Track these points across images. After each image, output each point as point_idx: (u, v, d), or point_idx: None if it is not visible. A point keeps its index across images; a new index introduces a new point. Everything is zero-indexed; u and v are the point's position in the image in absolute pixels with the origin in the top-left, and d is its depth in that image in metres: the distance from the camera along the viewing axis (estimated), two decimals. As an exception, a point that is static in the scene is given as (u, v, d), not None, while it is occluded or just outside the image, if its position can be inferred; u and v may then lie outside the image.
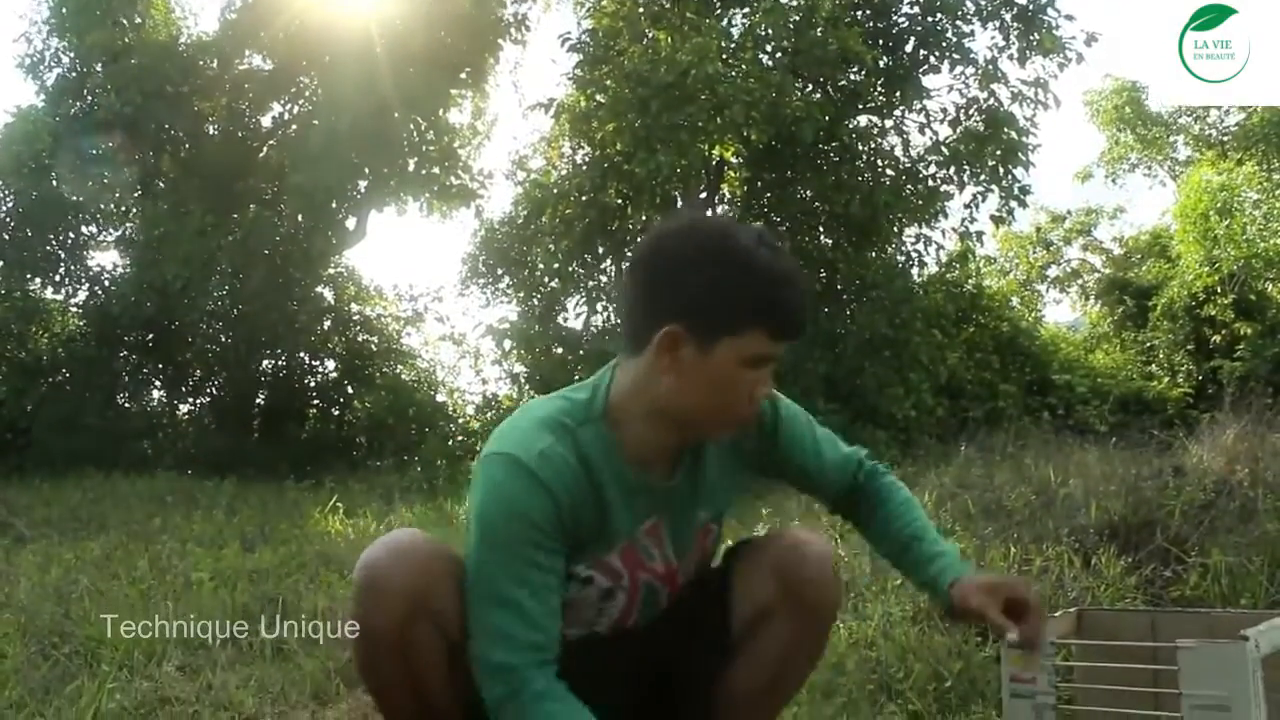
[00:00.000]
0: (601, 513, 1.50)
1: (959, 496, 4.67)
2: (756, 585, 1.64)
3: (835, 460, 1.72)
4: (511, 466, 1.44)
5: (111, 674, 2.64)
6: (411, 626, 1.44)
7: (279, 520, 6.11)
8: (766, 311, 1.43)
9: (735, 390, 1.46)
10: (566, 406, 1.53)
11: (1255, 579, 3.19)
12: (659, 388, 1.47)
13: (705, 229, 1.48)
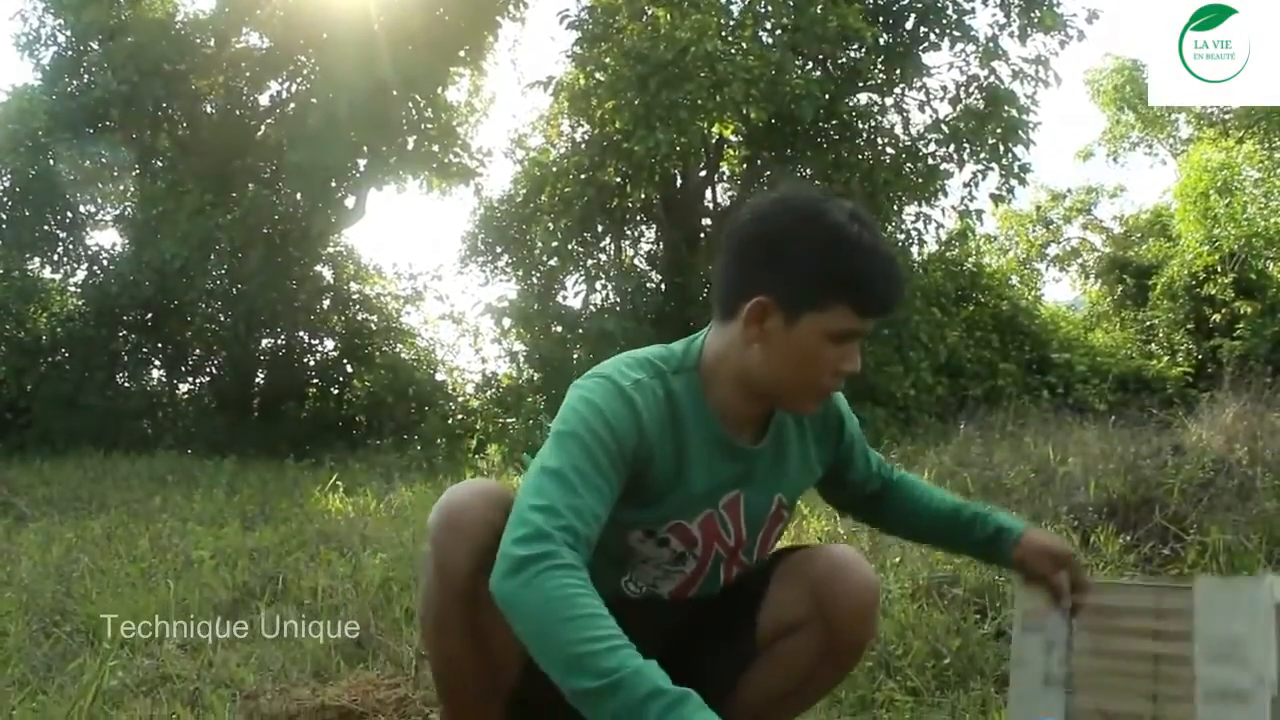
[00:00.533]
0: (680, 464, 1.50)
1: (958, 474, 4.68)
2: (791, 598, 1.63)
3: (873, 465, 1.79)
4: (606, 385, 1.45)
5: (113, 652, 2.65)
6: (482, 571, 1.37)
7: (279, 499, 6.12)
8: (853, 287, 1.42)
9: (818, 364, 1.46)
10: (662, 353, 1.55)
11: (1253, 557, 3.20)
12: (746, 356, 1.47)
13: (798, 201, 1.48)
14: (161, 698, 2.23)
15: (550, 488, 1.32)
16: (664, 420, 1.48)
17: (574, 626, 1.19)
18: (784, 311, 1.43)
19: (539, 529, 1.26)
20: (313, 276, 12.30)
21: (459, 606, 1.43)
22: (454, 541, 1.42)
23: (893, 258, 1.48)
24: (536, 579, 1.22)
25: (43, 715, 2.13)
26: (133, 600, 3.22)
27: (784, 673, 1.61)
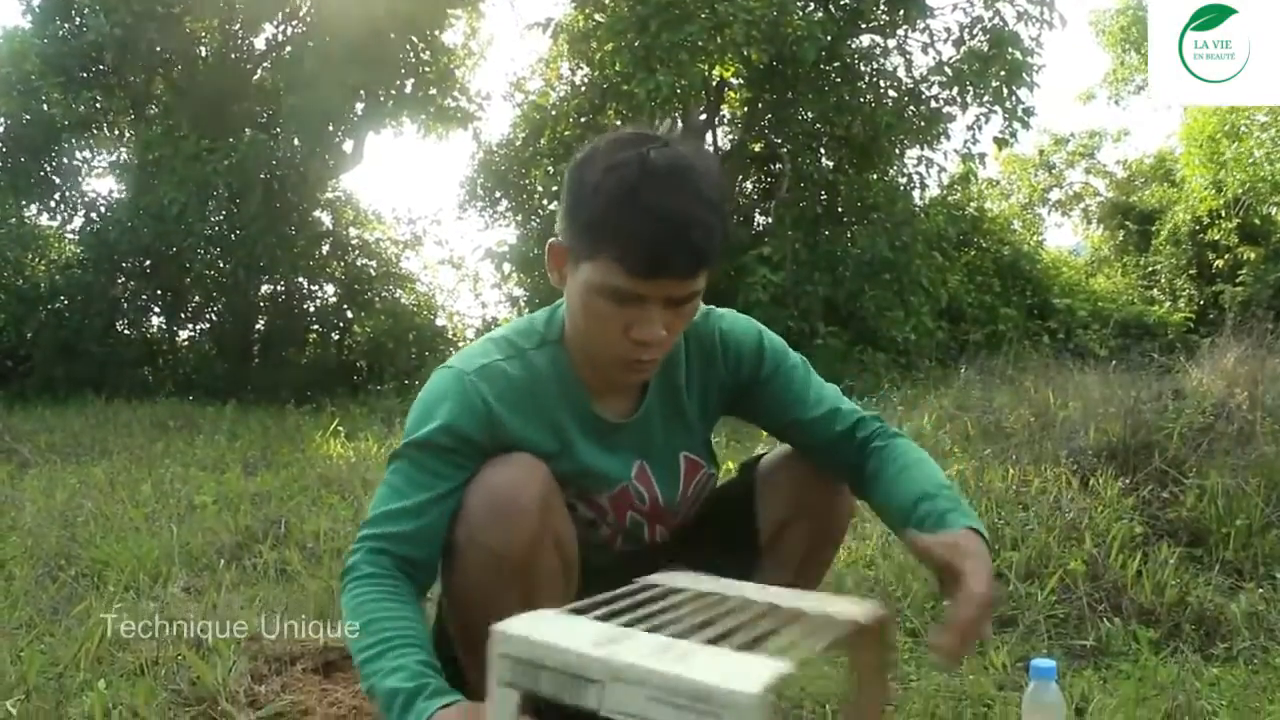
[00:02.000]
0: (561, 440, 1.48)
1: (958, 419, 4.69)
2: (779, 501, 1.64)
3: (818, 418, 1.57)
4: (448, 377, 1.43)
5: (118, 595, 2.67)
6: (539, 546, 1.38)
7: (280, 444, 6.14)
8: (617, 240, 1.29)
9: (604, 323, 1.36)
10: (524, 327, 1.51)
11: (1251, 500, 3.21)
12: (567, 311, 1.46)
13: (609, 145, 1.36)
14: (166, 639, 2.25)
15: (381, 496, 1.41)
16: (521, 402, 1.44)
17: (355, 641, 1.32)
18: (570, 256, 1.37)
19: (361, 536, 1.40)
20: (311, 222, 12.22)
21: (515, 583, 1.37)
22: (505, 523, 1.36)
23: (678, 222, 1.28)
24: (344, 592, 1.37)
25: (51, 656, 2.14)
26: (136, 545, 3.24)
27: (786, 564, 1.61)
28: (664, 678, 0.90)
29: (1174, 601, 2.55)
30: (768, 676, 0.88)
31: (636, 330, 1.35)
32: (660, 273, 1.31)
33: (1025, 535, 2.94)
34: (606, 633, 1.03)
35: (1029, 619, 2.48)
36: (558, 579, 1.43)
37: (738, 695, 0.85)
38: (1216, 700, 2.03)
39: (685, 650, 0.97)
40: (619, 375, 1.46)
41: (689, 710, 0.88)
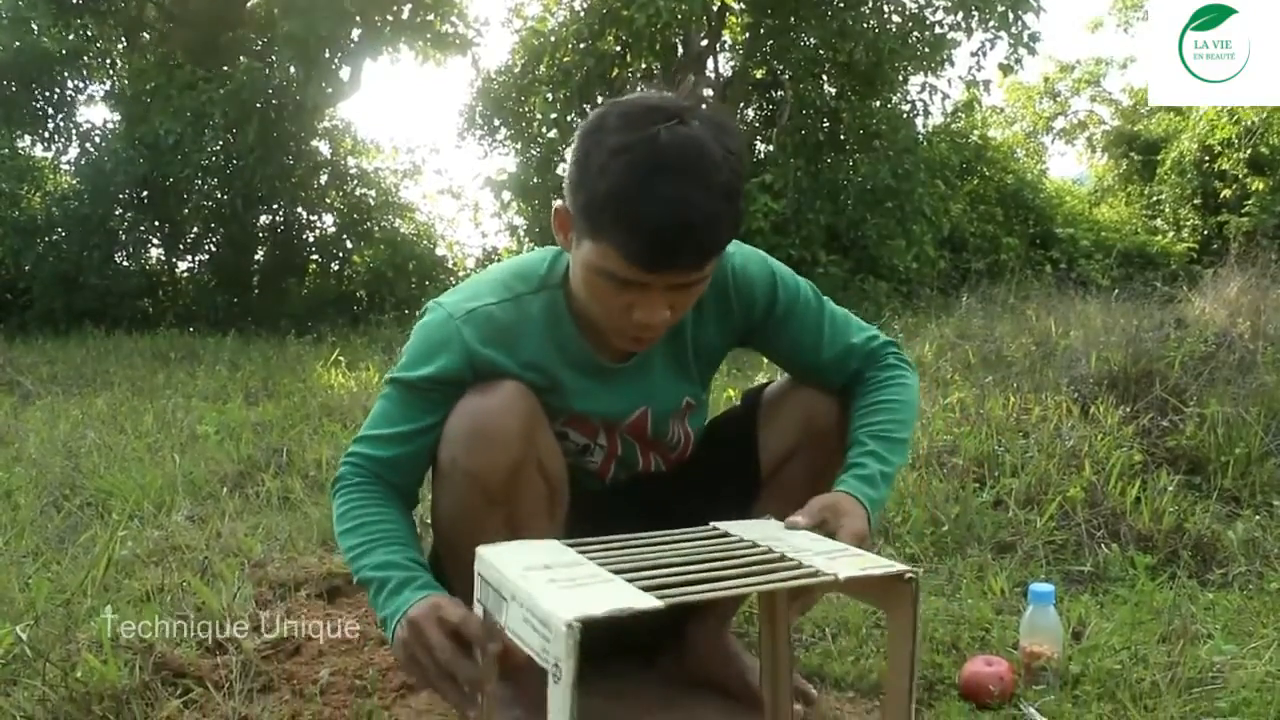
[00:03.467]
0: (552, 383, 1.47)
1: (959, 347, 4.69)
2: (781, 431, 1.63)
3: (831, 361, 1.58)
4: (439, 319, 1.44)
5: (122, 523, 2.69)
6: (521, 472, 1.39)
7: (281, 374, 6.15)
8: (620, 229, 1.24)
9: (604, 300, 1.33)
10: (526, 270, 1.49)
11: (1251, 429, 3.22)
12: None
13: (631, 117, 1.26)
14: (171, 566, 2.27)
15: (372, 417, 1.46)
16: (507, 345, 1.43)
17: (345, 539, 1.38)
18: (577, 228, 1.32)
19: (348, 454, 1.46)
20: (309, 151, 12.08)
21: (498, 507, 1.39)
22: (486, 447, 1.37)
23: (683, 217, 1.22)
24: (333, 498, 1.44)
25: (58, 584, 2.16)
26: (140, 474, 3.26)
27: (787, 497, 1.56)
28: (531, 601, 0.97)
29: (1171, 528, 2.57)
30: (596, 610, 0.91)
31: (639, 313, 1.32)
32: (662, 267, 1.27)
33: (1025, 462, 2.95)
34: (551, 559, 1.09)
35: (1027, 545, 2.50)
36: (542, 504, 1.44)
37: (554, 621, 0.91)
38: (1211, 624, 2.05)
39: (583, 580, 1.02)
40: (620, 344, 1.44)
41: (538, 633, 0.95)
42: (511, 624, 1.02)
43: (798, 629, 2.04)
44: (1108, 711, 1.62)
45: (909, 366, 1.60)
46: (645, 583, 1.01)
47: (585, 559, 1.11)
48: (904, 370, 1.58)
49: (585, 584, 1.01)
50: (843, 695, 1.80)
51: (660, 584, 1.01)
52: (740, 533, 1.24)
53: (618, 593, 0.98)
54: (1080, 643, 1.92)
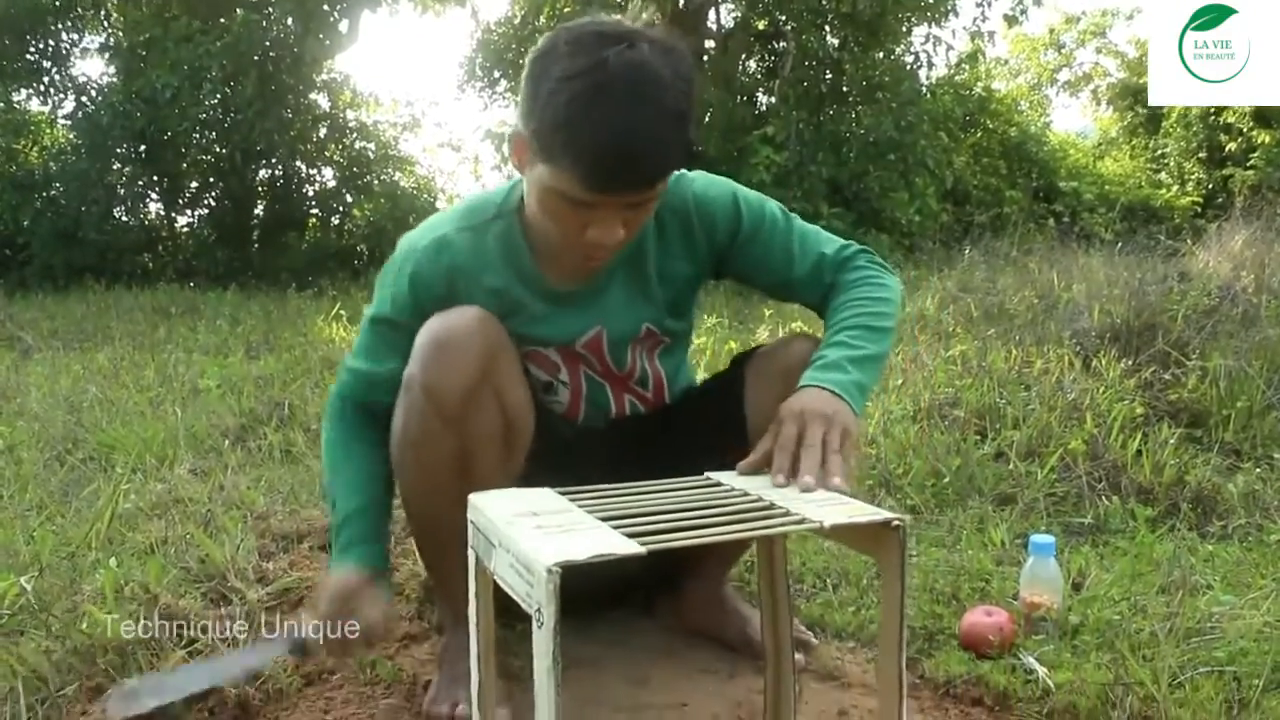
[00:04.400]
0: (507, 307, 1.48)
1: (961, 300, 4.67)
2: (767, 391, 1.56)
3: (805, 275, 1.56)
4: (404, 254, 1.50)
5: (125, 477, 2.70)
6: (477, 393, 1.38)
7: (282, 328, 6.14)
8: (575, 151, 1.25)
9: (560, 222, 1.35)
10: (481, 202, 1.53)
11: (1253, 383, 3.22)
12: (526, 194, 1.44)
13: (583, 41, 1.28)
14: (174, 519, 2.28)
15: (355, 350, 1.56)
16: (468, 271, 1.47)
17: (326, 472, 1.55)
18: (532, 152, 1.32)
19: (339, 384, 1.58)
20: (308, 105, 11.98)
21: (451, 428, 1.39)
22: (445, 362, 1.37)
23: (631, 140, 1.24)
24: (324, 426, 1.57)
25: (62, 537, 2.17)
26: (142, 429, 3.26)
27: None
28: (516, 546, 0.98)
29: (1172, 481, 2.57)
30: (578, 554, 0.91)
31: (593, 233, 1.34)
32: (613, 189, 1.28)
33: (1026, 415, 2.95)
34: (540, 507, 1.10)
35: (1028, 497, 2.50)
36: (496, 433, 1.43)
37: (536, 566, 0.91)
38: (1211, 575, 2.06)
39: (569, 527, 1.02)
40: (576, 264, 1.46)
41: (522, 578, 0.95)
42: (499, 570, 1.03)
43: (799, 579, 2.05)
44: (1106, 661, 1.62)
45: (884, 268, 1.58)
46: (631, 529, 1.01)
47: (575, 506, 1.11)
48: (877, 270, 1.56)
49: (571, 530, 1.01)
50: (843, 645, 1.81)
51: (646, 531, 1.01)
52: (733, 482, 1.24)
53: (601, 538, 0.98)
54: (1080, 594, 1.93)
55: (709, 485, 1.23)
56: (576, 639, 1.78)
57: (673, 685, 1.64)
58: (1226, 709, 1.46)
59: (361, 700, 1.57)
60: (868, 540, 1.14)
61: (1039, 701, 1.53)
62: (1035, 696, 1.55)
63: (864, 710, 1.55)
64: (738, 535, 1.07)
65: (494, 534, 1.05)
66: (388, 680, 1.63)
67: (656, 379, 1.64)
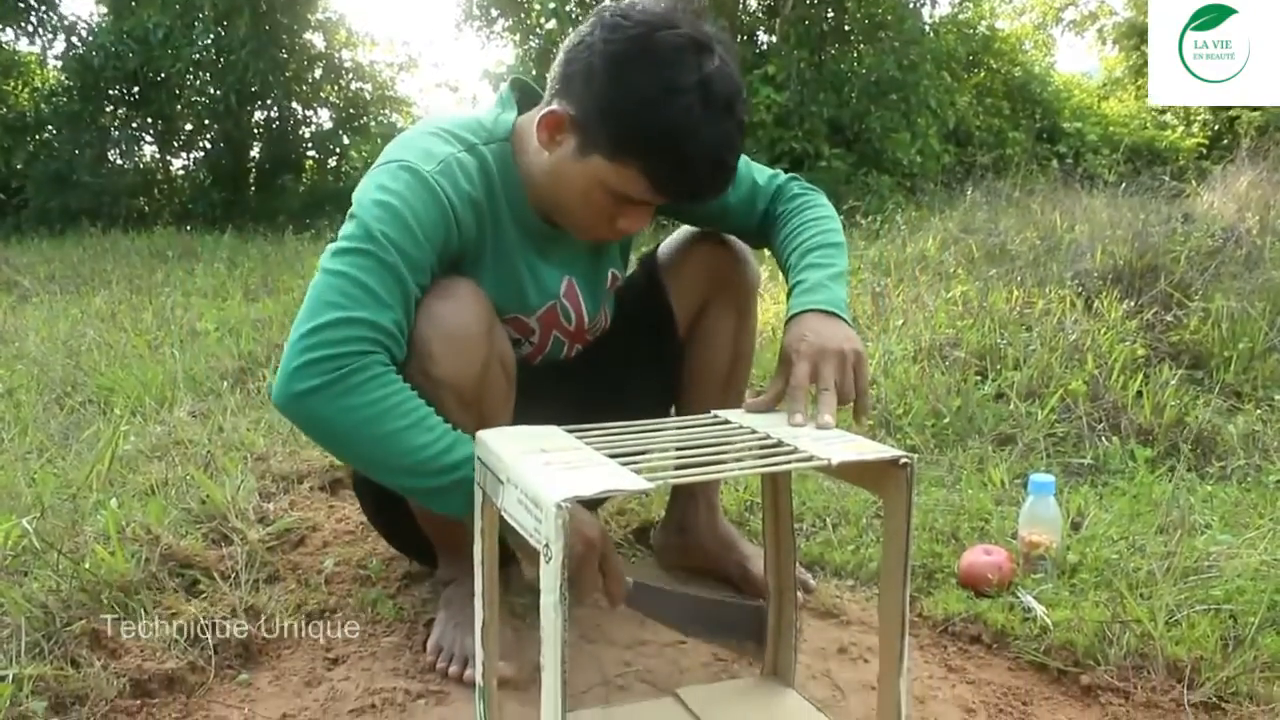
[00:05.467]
0: (498, 250, 1.42)
1: (962, 241, 4.64)
2: (689, 287, 1.66)
3: (739, 203, 1.58)
4: (406, 175, 1.31)
5: (125, 419, 2.70)
6: (488, 368, 1.36)
7: (280, 271, 6.12)
8: (652, 158, 1.26)
9: (595, 210, 1.34)
10: (471, 124, 1.43)
11: (1255, 324, 3.20)
12: (537, 155, 1.37)
13: (657, 36, 1.24)
14: (175, 461, 2.28)
15: (351, 295, 1.22)
16: (478, 201, 1.37)
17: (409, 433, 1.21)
18: (578, 138, 1.29)
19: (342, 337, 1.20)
20: (303, 45, 11.84)
21: (468, 410, 1.32)
22: (455, 352, 1.30)
23: (724, 158, 1.29)
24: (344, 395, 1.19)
25: (63, 479, 2.17)
26: (141, 371, 3.25)
27: (715, 346, 1.65)
28: (524, 482, 0.98)
29: (1172, 422, 2.57)
30: (585, 490, 0.92)
31: (625, 224, 1.36)
32: (687, 198, 1.32)
33: (1027, 356, 2.94)
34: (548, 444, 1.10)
35: (1028, 437, 2.50)
36: (504, 396, 1.42)
37: (545, 502, 0.91)
38: (1209, 515, 2.06)
39: (577, 463, 1.02)
40: (583, 238, 1.45)
41: (530, 514, 0.96)
42: (507, 506, 1.03)
43: (798, 518, 2.05)
44: (1104, 599, 1.63)
45: (817, 191, 1.61)
46: (638, 466, 1.01)
47: (582, 444, 1.11)
48: (813, 194, 1.60)
49: (579, 466, 1.01)
50: (843, 583, 1.82)
51: (652, 467, 1.01)
52: (739, 419, 1.24)
53: (609, 474, 0.98)
54: (1079, 533, 1.94)
55: (716, 423, 1.23)
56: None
57: (673, 623, 1.65)
58: (1222, 646, 1.47)
59: (363, 639, 1.58)
60: (874, 478, 1.14)
61: (1036, 639, 1.54)
62: (1033, 634, 1.56)
63: (863, 647, 1.56)
64: (746, 472, 1.07)
65: (502, 470, 1.05)
66: (389, 619, 1.64)
67: (605, 323, 1.66)
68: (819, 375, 1.27)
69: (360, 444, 1.22)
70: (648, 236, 4.04)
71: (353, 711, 1.37)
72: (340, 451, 1.35)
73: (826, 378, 1.26)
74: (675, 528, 1.84)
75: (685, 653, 1.55)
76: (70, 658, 1.42)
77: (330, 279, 1.24)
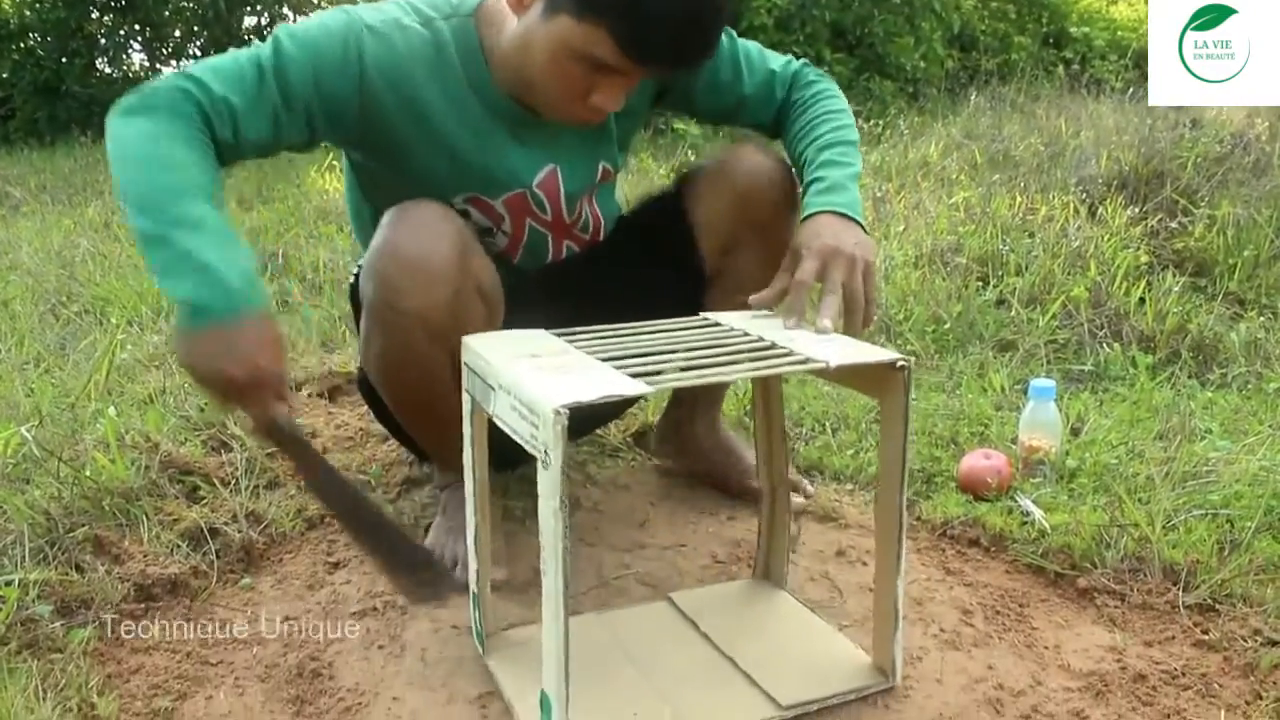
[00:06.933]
0: (441, 124, 1.32)
1: (966, 147, 4.58)
2: (717, 220, 1.52)
3: (756, 92, 1.49)
4: (342, 19, 1.26)
5: (121, 328, 2.69)
6: (460, 299, 1.27)
7: (275, 180, 6.03)
8: (616, 12, 1.14)
9: (566, 81, 1.23)
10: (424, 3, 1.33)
11: (1261, 231, 3.17)
12: (509, 26, 1.28)
13: None
14: (172, 370, 2.26)
15: (212, 65, 1.24)
16: (408, 75, 1.28)
17: (168, 172, 1.14)
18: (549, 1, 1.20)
19: (170, 79, 1.21)
20: (292, -54, 11.53)
21: (440, 344, 1.26)
22: (422, 283, 1.23)
23: (695, 9, 1.16)
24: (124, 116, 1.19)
25: (61, 389, 2.17)
26: (136, 281, 3.23)
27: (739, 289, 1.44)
28: (519, 388, 0.96)
29: (1174, 329, 2.56)
30: (584, 395, 0.90)
31: (598, 98, 1.24)
32: (659, 60, 1.19)
33: (1029, 262, 2.92)
34: (538, 348, 1.08)
35: (1029, 343, 2.49)
36: (482, 326, 1.31)
37: (542, 408, 0.90)
38: (1209, 421, 2.06)
39: (570, 368, 1.01)
40: (556, 118, 1.32)
41: (526, 420, 0.94)
42: (500, 412, 1.02)
43: (797, 423, 2.05)
44: (1102, 504, 1.64)
45: (829, 80, 1.52)
46: (634, 370, 1.00)
47: (573, 347, 1.10)
48: (826, 82, 1.51)
49: (573, 371, 0.99)
50: (842, 487, 1.83)
51: (648, 371, 1.00)
52: (730, 321, 1.23)
53: (606, 379, 0.96)
54: (1078, 439, 1.94)
55: (706, 325, 1.22)
56: (576, 483, 1.80)
57: (672, 527, 1.66)
58: (1218, 550, 1.48)
59: (364, 543, 1.59)
60: (871, 382, 1.13)
61: (1034, 543, 1.55)
62: (1031, 538, 1.57)
63: (861, 550, 1.57)
64: (743, 375, 1.05)
65: (493, 377, 1.03)
66: (390, 524, 1.65)
67: (595, 221, 1.55)
68: (826, 276, 1.23)
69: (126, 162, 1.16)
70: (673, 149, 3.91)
71: (354, 614, 1.38)
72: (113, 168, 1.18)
73: (835, 280, 1.22)
74: (673, 431, 1.82)
75: (683, 555, 1.57)
76: (74, 563, 1.43)
77: (230, 57, 1.25)
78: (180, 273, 1.09)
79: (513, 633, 1.30)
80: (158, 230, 1.11)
